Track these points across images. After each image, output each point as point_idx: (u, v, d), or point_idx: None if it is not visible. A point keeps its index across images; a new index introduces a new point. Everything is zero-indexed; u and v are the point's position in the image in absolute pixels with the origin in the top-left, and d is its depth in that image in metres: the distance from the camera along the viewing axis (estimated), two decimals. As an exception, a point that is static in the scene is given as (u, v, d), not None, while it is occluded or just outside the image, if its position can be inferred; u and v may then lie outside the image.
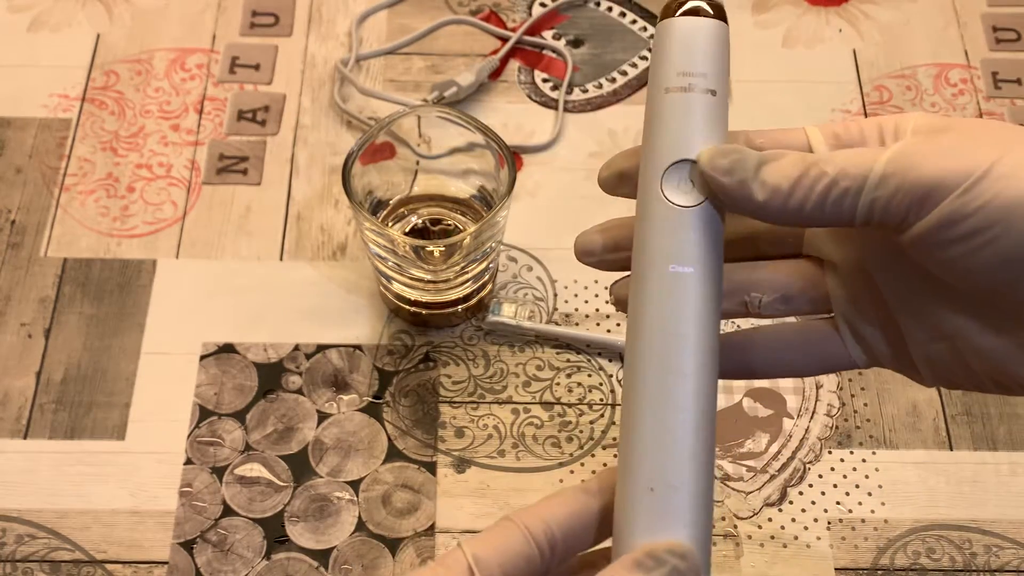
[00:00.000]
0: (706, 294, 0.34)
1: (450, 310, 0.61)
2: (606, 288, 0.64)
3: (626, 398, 0.35)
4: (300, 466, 0.58)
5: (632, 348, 0.35)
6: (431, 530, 0.56)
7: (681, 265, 0.34)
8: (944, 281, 0.34)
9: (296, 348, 0.61)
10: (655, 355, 0.34)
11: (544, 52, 0.73)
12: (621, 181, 0.38)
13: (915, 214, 0.32)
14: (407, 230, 0.62)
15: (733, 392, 0.61)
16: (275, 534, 0.56)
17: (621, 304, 0.38)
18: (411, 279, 0.59)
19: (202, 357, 0.61)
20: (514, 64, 0.73)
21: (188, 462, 0.58)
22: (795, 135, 0.36)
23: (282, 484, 0.58)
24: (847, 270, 0.38)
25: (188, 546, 0.56)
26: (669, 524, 0.33)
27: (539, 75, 0.72)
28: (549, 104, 0.71)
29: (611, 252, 0.39)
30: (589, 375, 0.61)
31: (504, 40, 0.73)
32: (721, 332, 0.35)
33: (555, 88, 0.71)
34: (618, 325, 0.63)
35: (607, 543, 0.35)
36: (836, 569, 0.56)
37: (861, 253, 0.37)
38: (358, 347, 0.62)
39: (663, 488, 0.33)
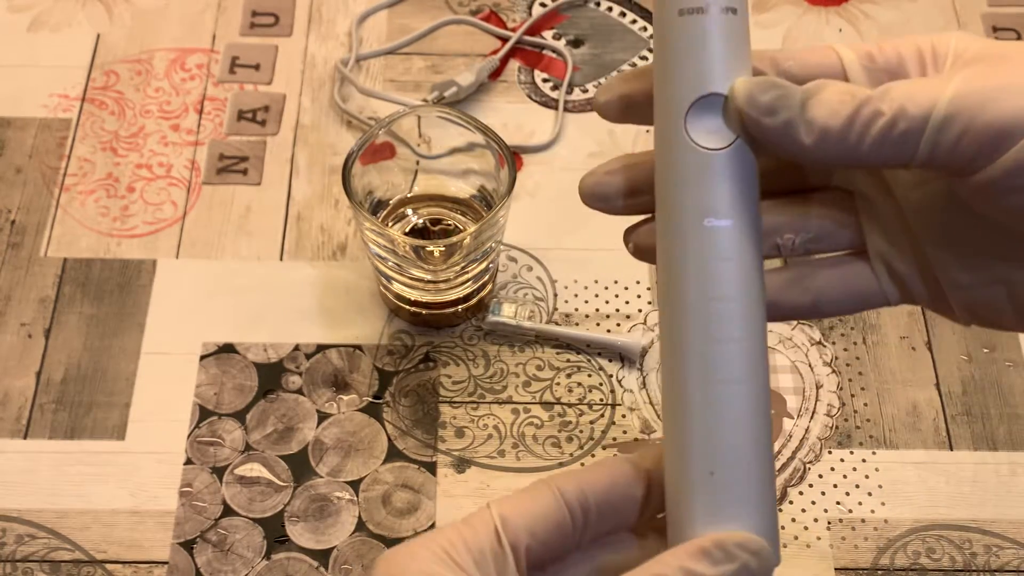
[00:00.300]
0: (747, 247, 0.31)
1: (450, 310, 0.61)
2: (606, 288, 0.64)
3: (670, 371, 0.31)
4: (300, 466, 0.58)
5: (670, 316, 0.31)
6: (431, 530, 0.56)
7: (717, 218, 0.30)
8: (1006, 227, 0.31)
9: (296, 348, 0.61)
10: (699, 323, 0.31)
11: (544, 52, 0.73)
12: (626, 108, 0.34)
13: (986, 157, 0.29)
14: (407, 230, 0.62)
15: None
16: (275, 534, 0.56)
17: (642, 253, 0.35)
18: (411, 279, 0.59)
19: (202, 357, 0.61)
20: (514, 64, 0.73)
21: (188, 462, 0.58)
22: (826, 55, 0.32)
23: (282, 484, 0.57)
24: (884, 207, 0.35)
25: (188, 546, 0.56)
26: (735, 512, 0.30)
27: (539, 75, 0.72)
28: (549, 104, 0.71)
29: (625, 197, 0.35)
30: (589, 375, 0.61)
31: (504, 40, 0.73)
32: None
33: (555, 88, 0.71)
34: (618, 325, 0.63)
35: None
36: (836, 569, 0.56)
37: (901, 192, 0.34)
38: (358, 347, 0.62)
39: (724, 471, 0.30)
